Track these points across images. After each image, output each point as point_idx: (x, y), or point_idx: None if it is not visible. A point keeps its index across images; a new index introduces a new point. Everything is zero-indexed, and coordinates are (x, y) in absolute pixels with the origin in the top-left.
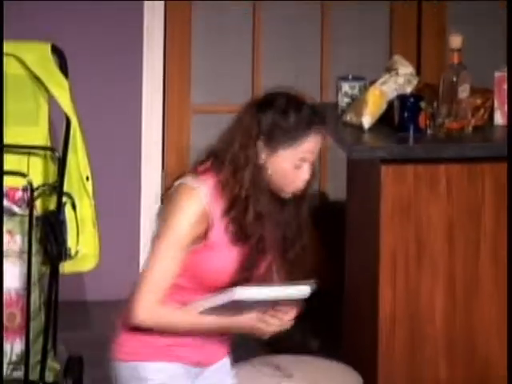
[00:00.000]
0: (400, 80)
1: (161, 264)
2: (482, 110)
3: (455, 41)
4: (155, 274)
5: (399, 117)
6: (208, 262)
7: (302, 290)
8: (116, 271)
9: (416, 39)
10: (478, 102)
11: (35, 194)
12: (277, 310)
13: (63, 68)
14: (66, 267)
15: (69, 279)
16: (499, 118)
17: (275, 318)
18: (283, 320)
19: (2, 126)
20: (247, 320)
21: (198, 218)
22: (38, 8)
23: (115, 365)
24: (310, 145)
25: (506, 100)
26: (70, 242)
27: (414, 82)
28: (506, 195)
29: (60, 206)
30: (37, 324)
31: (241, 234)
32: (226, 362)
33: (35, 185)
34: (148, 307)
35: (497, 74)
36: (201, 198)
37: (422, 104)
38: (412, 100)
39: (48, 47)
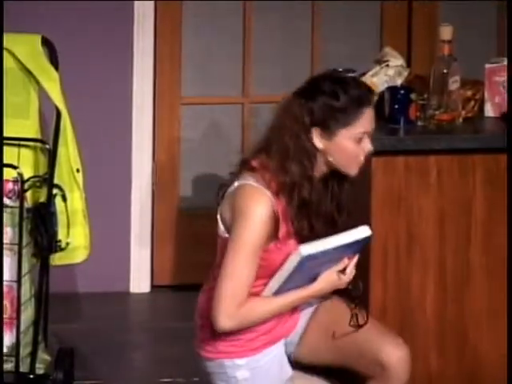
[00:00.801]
0: (390, 72)
1: (239, 271)
2: (472, 102)
3: (446, 32)
4: (235, 282)
5: (390, 108)
6: (279, 257)
7: (363, 231)
8: (107, 263)
9: (407, 31)
10: (469, 93)
11: (26, 186)
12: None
13: (54, 60)
14: (57, 259)
15: (59, 271)
16: (489, 110)
17: (346, 265)
18: (352, 267)
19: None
20: (323, 279)
21: (269, 219)
22: (29, 6)
23: (203, 363)
24: (365, 119)
25: (496, 92)
26: (61, 233)
27: (405, 73)
28: (496, 187)
29: (50, 197)
30: (27, 316)
31: (298, 223)
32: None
33: (26, 177)
34: (231, 315)
35: (487, 66)
36: (266, 198)
37: (413, 96)
38: (402, 92)
39: (38, 39)
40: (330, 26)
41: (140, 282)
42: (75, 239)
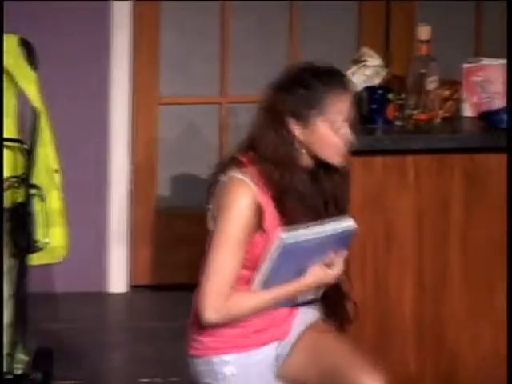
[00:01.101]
0: (368, 72)
1: (224, 264)
2: (450, 102)
3: (423, 32)
4: (220, 275)
5: (368, 108)
6: (264, 249)
7: (347, 223)
8: (85, 263)
9: (385, 30)
10: (446, 93)
11: (4, 186)
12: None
13: (32, 60)
14: (35, 259)
15: (38, 271)
16: (467, 110)
17: (333, 260)
18: (339, 261)
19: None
20: (310, 273)
21: (252, 210)
22: (6, 5)
23: (191, 361)
24: (341, 105)
25: (473, 92)
26: (39, 233)
27: (383, 73)
28: (474, 186)
29: (28, 198)
30: (5, 316)
31: (284, 214)
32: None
33: (4, 177)
34: (217, 308)
35: (465, 66)
36: (249, 189)
37: (391, 96)
38: (380, 92)
39: (15, 39)
40: (308, 25)
41: (118, 281)
42: (53, 239)
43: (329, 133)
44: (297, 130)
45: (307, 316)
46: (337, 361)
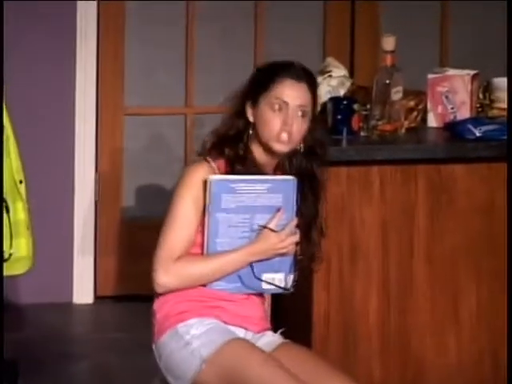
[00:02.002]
0: (333, 82)
1: (173, 230)
2: (415, 112)
3: (388, 43)
4: (171, 238)
5: (332, 119)
6: None
7: (287, 179)
8: (50, 274)
9: (350, 41)
10: (411, 104)
11: None
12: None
13: None
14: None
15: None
16: (432, 120)
17: (277, 220)
18: (291, 226)
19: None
20: (260, 238)
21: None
22: None
23: (158, 346)
24: (284, 87)
25: (438, 102)
26: (4, 244)
27: (348, 84)
28: (438, 196)
29: None
30: None
31: None
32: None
33: None
34: (167, 269)
35: (430, 76)
36: (207, 167)
37: (356, 106)
38: (345, 102)
39: None
40: (273, 36)
41: (83, 292)
42: (18, 250)
43: (268, 112)
44: (249, 111)
45: (275, 339)
46: (311, 376)
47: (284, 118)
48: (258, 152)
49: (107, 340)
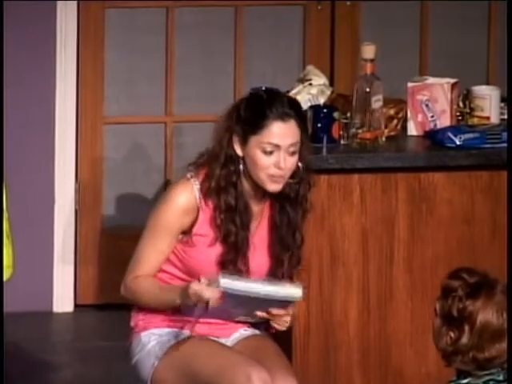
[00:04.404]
0: (313, 91)
1: (145, 247)
2: (395, 121)
3: (368, 51)
4: (138, 256)
5: (313, 127)
6: (194, 253)
7: (294, 290)
8: (30, 283)
9: (330, 49)
10: (391, 112)
11: None
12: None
13: None
14: None
15: None
16: (412, 129)
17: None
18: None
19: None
20: (189, 285)
21: (188, 207)
22: None
23: (131, 348)
24: (273, 131)
25: (418, 110)
26: None
27: (328, 92)
28: (418, 205)
29: None
30: None
31: (216, 228)
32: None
33: None
34: (125, 283)
35: (409, 85)
36: (193, 189)
37: (336, 114)
38: (325, 111)
39: None
40: (253, 45)
41: (63, 301)
42: None
43: (259, 155)
44: (237, 145)
45: (247, 333)
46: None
47: (277, 159)
48: (247, 184)
49: (87, 349)
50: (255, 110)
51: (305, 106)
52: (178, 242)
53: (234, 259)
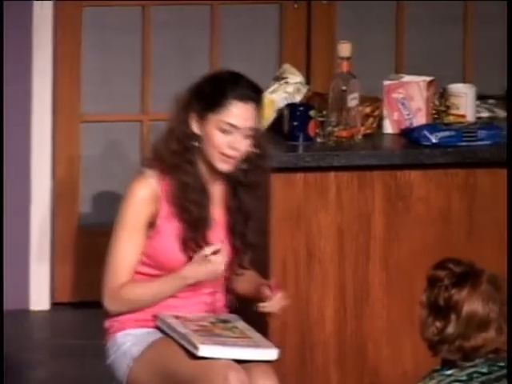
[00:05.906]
0: (289, 89)
1: (120, 252)
2: (371, 119)
3: (344, 49)
4: (115, 264)
5: (289, 125)
6: (160, 245)
7: (269, 352)
8: (6, 281)
9: (306, 47)
10: (368, 110)
11: None
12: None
13: None
14: None
15: None
16: (388, 127)
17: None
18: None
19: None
20: (195, 262)
21: (148, 200)
22: None
23: (107, 350)
24: (234, 111)
25: (394, 108)
26: None
27: (304, 90)
28: (394, 203)
29: None
30: None
31: (175, 207)
32: None
33: None
34: (113, 296)
35: (385, 83)
36: (149, 180)
37: (312, 113)
38: (301, 109)
39: None
40: (229, 43)
41: (39, 299)
42: None
43: (216, 134)
44: (194, 123)
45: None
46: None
47: (232, 140)
48: (203, 165)
49: (64, 347)
50: (217, 88)
51: (281, 104)
52: (147, 239)
53: (194, 237)
